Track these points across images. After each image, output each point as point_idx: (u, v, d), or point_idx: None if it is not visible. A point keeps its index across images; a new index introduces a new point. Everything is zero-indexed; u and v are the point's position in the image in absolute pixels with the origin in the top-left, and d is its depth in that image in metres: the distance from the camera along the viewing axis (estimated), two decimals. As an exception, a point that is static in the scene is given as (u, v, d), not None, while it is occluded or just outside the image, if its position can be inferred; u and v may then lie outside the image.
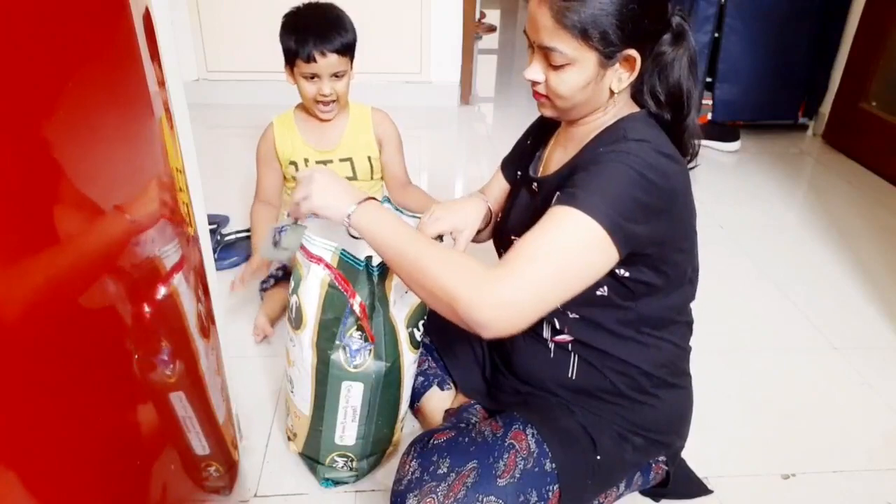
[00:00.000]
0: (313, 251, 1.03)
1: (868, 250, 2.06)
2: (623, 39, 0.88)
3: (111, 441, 0.61)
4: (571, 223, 0.85)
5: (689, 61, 0.96)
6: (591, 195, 0.85)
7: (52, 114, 0.50)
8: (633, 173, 0.86)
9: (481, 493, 0.90)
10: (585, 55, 0.88)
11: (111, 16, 0.61)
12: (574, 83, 0.91)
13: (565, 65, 0.89)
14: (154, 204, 0.70)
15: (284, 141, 1.63)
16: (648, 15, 0.88)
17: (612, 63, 0.90)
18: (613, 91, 0.93)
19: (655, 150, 0.90)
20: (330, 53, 1.48)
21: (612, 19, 0.86)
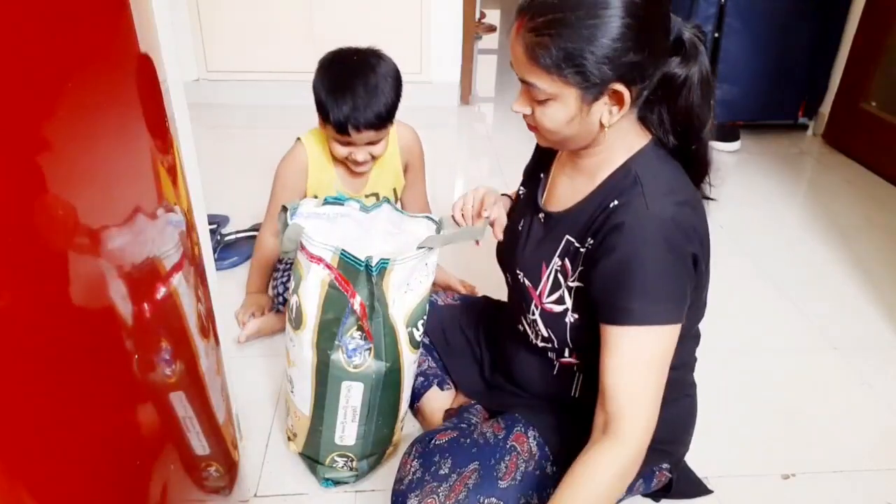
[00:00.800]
0: (313, 251, 1.03)
1: (868, 250, 2.06)
2: (605, 75, 0.81)
3: (111, 441, 0.61)
4: (651, 340, 0.85)
5: (702, 82, 0.88)
6: (651, 304, 0.84)
7: (51, 114, 0.50)
8: (670, 256, 0.84)
9: (482, 495, 0.90)
10: (564, 90, 0.83)
11: (111, 17, 0.61)
12: (558, 118, 0.86)
13: (547, 100, 0.85)
14: (154, 204, 0.70)
15: (318, 178, 1.51)
16: (638, 48, 0.80)
17: (596, 98, 0.84)
18: (604, 125, 0.87)
19: (675, 204, 0.85)
20: (366, 130, 1.32)
21: (589, 55, 0.79)
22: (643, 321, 0.84)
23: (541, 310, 0.99)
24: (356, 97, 1.30)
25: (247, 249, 1.86)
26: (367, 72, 1.33)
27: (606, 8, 0.78)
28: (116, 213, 0.60)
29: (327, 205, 1.15)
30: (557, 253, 0.96)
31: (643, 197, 0.85)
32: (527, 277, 1.02)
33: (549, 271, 0.98)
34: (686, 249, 0.85)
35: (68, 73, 0.52)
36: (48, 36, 0.49)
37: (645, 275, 0.83)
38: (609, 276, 0.86)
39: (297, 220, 1.09)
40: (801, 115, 2.98)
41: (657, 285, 0.84)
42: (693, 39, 0.87)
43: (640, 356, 0.85)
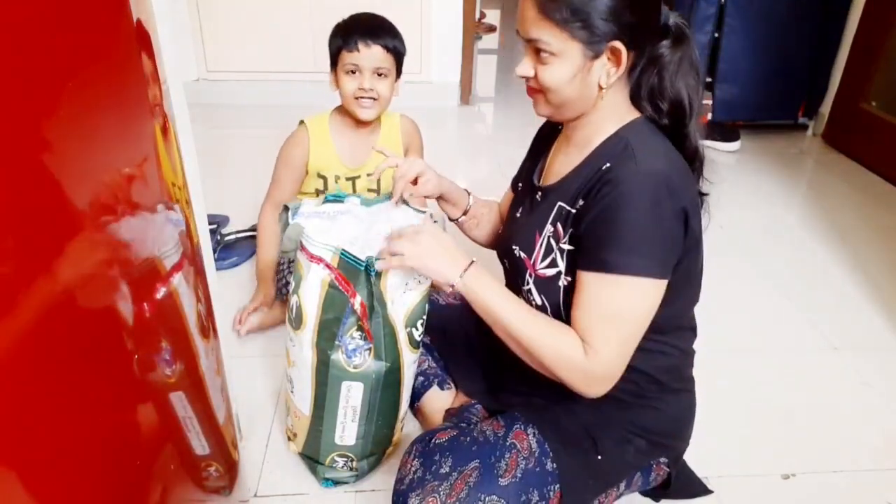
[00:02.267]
0: (313, 251, 1.03)
1: (868, 250, 2.06)
2: (607, 31, 0.87)
3: (111, 441, 0.61)
4: (633, 292, 0.89)
5: (691, 65, 0.95)
6: (634, 256, 0.88)
7: (51, 114, 0.50)
8: (656, 209, 0.87)
9: (483, 493, 0.90)
10: (570, 46, 0.89)
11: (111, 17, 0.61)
12: (561, 75, 0.91)
13: (551, 57, 0.90)
14: (154, 204, 0.70)
15: (319, 153, 1.57)
16: (636, 9, 0.88)
17: (597, 55, 0.89)
18: (602, 86, 0.92)
19: (665, 164, 0.91)
20: (374, 45, 1.44)
21: (594, 10, 0.86)
22: (621, 270, 0.88)
23: (534, 277, 1.01)
24: (369, 24, 1.47)
25: (247, 249, 1.86)
26: (377, 15, 1.52)
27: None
28: (117, 212, 0.60)
29: (328, 203, 1.15)
30: (550, 220, 1.00)
31: (633, 158, 0.90)
32: (522, 250, 1.05)
33: (541, 238, 1.01)
34: (674, 205, 0.88)
35: (68, 73, 0.52)
36: (48, 36, 0.49)
37: (627, 226, 0.87)
38: (593, 228, 0.91)
39: (298, 220, 1.09)
40: (801, 115, 2.99)
41: (639, 237, 0.87)
42: (680, 25, 0.94)
43: (620, 306, 0.90)
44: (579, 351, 0.91)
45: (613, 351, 0.91)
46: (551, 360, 0.93)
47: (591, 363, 0.90)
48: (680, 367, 1.07)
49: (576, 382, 0.92)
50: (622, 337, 0.91)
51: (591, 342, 0.90)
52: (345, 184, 1.60)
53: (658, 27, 0.93)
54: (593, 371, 0.91)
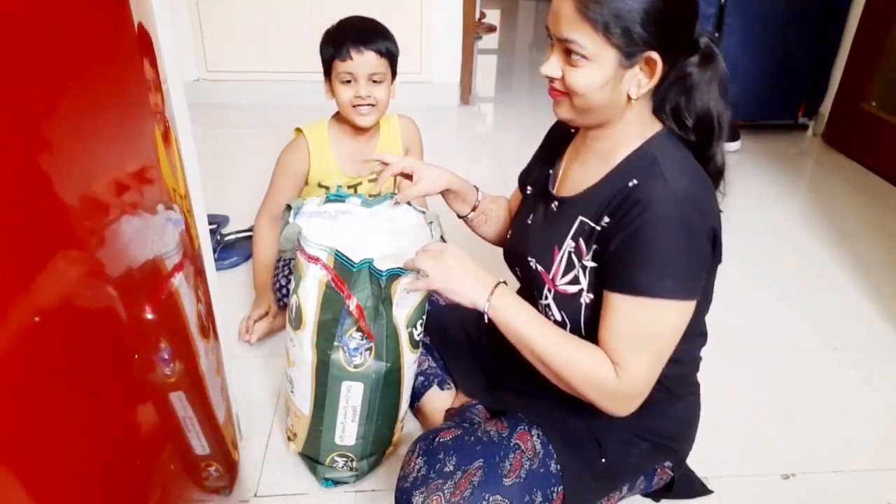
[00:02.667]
0: (311, 252, 1.03)
1: (868, 250, 2.06)
2: (646, 40, 0.84)
3: (111, 441, 0.61)
4: (663, 314, 0.88)
5: (720, 85, 0.92)
6: (667, 278, 0.86)
7: (52, 114, 0.50)
8: (686, 233, 0.86)
9: (488, 493, 0.90)
10: (605, 52, 0.85)
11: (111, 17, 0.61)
12: (592, 81, 0.87)
13: (583, 60, 0.86)
14: (155, 204, 0.70)
15: (320, 163, 1.55)
16: (676, 20, 0.86)
17: (632, 64, 0.86)
18: (631, 97, 0.89)
19: (692, 182, 0.89)
20: (367, 51, 1.41)
21: (636, 16, 0.82)
22: (654, 293, 0.86)
23: (554, 293, 0.99)
24: (359, 29, 1.45)
25: (247, 249, 1.86)
26: (367, 18, 1.50)
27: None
28: (117, 213, 0.60)
29: (329, 203, 1.15)
30: (570, 235, 0.97)
31: (662, 176, 0.87)
32: (539, 263, 1.03)
33: (561, 253, 0.99)
34: (703, 227, 0.88)
35: (69, 73, 0.52)
36: (49, 36, 0.49)
37: (658, 249, 0.86)
38: (623, 249, 0.88)
39: (300, 220, 1.09)
40: (801, 115, 2.99)
41: (671, 259, 0.86)
42: (709, 43, 0.91)
43: (651, 328, 0.89)
44: (611, 374, 0.89)
45: (644, 371, 0.90)
46: (581, 383, 0.91)
47: (622, 385, 0.89)
48: (686, 374, 1.07)
49: (606, 404, 0.92)
50: (653, 357, 0.90)
51: (622, 363, 0.89)
52: (345, 191, 1.59)
53: (689, 42, 0.90)
54: (624, 392, 0.90)
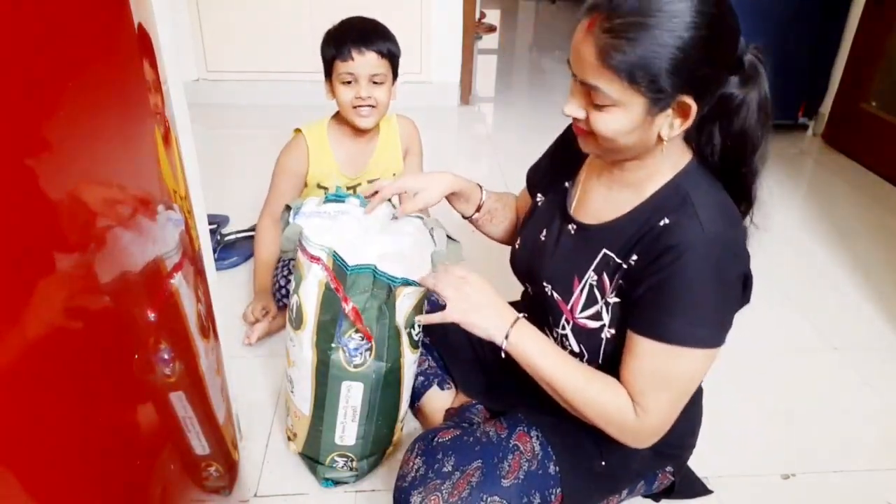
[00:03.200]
0: (312, 252, 1.03)
1: (868, 250, 2.06)
2: (677, 86, 0.77)
3: (111, 441, 0.61)
4: (691, 362, 0.86)
5: (760, 107, 0.85)
6: (698, 327, 0.84)
7: (52, 114, 0.50)
8: (719, 281, 0.84)
9: (486, 493, 0.90)
10: (632, 98, 0.79)
11: (111, 17, 0.61)
12: (618, 126, 0.81)
13: (610, 105, 0.80)
14: (154, 204, 0.70)
15: (319, 163, 1.55)
16: (711, 61, 0.78)
17: (662, 109, 0.80)
18: (663, 138, 0.83)
19: (726, 226, 0.85)
20: (368, 52, 1.41)
21: (664, 63, 0.75)
22: (680, 342, 0.84)
23: (573, 325, 0.97)
24: (360, 30, 1.44)
25: (247, 249, 1.86)
26: (368, 19, 1.49)
27: (685, 18, 0.75)
28: (118, 213, 0.60)
29: (328, 203, 1.15)
30: (593, 267, 0.94)
31: (697, 218, 0.83)
32: (556, 291, 0.99)
33: (582, 285, 0.95)
34: (737, 273, 0.85)
35: (69, 73, 0.52)
36: (49, 36, 0.49)
37: (690, 297, 0.83)
38: (653, 293, 0.85)
39: (300, 220, 1.09)
40: (801, 115, 2.99)
41: (703, 308, 0.84)
42: (754, 61, 0.84)
43: (677, 374, 0.87)
44: (630, 413, 0.89)
45: (665, 411, 0.89)
46: (599, 418, 0.91)
47: (642, 423, 0.89)
48: None
49: (624, 439, 0.91)
50: (674, 398, 0.89)
51: (643, 403, 0.88)
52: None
53: (732, 65, 0.83)
54: (643, 430, 0.90)
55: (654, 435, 0.91)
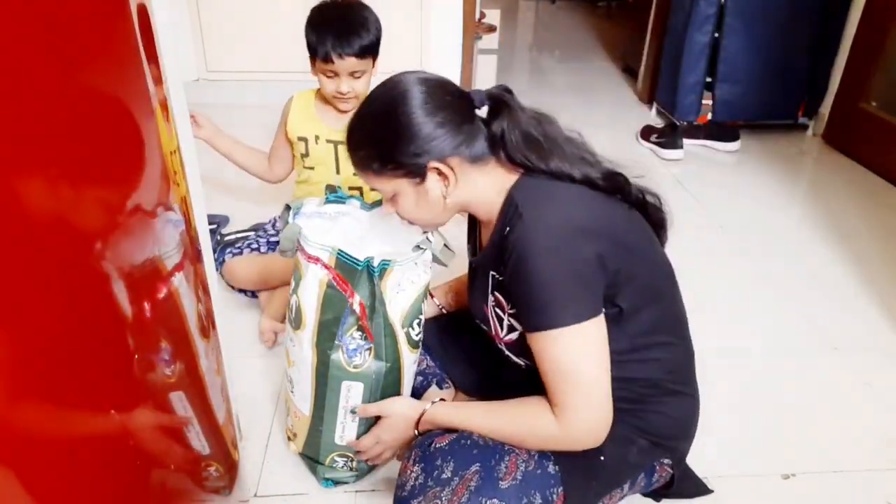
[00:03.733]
0: (311, 252, 1.03)
1: (868, 250, 2.06)
2: (420, 162, 0.94)
3: (111, 441, 0.61)
4: (565, 343, 0.91)
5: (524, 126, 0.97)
6: (554, 308, 0.90)
7: (52, 114, 0.50)
8: (559, 259, 0.90)
9: (484, 497, 0.90)
10: (398, 184, 0.97)
11: (111, 16, 0.61)
12: (407, 207, 1.00)
13: (394, 196, 0.99)
14: (156, 204, 0.70)
15: (298, 117, 1.63)
16: (438, 132, 0.93)
17: (423, 180, 0.96)
18: (446, 197, 0.98)
19: (556, 211, 0.93)
20: (348, 57, 1.46)
21: (399, 153, 0.93)
22: (549, 325, 0.90)
23: (504, 344, 1.05)
24: (340, 27, 1.46)
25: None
26: (349, 8, 1.51)
27: (399, 110, 0.93)
28: (118, 212, 0.60)
29: (329, 203, 1.15)
30: (489, 290, 1.04)
31: (522, 218, 0.92)
32: (483, 323, 1.10)
33: (489, 309, 1.05)
34: (579, 250, 0.90)
35: (69, 73, 0.52)
36: (49, 36, 0.49)
37: (538, 281, 0.90)
38: (511, 293, 0.95)
39: (299, 220, 1.09)
40: (801, 115, 2.99)
41: (548, 290, 0.90)
42: (496, 95, 0.98)
43: (560, 359, 0.91)
44: (548, 419, 0.93)
45: (583, 406, 0.92)
46: (534, 443, 0.96)
47: (566, 425, 0.92)
48: (679, 370, 1.07)
49: (564, 447, 0.95)
50: (582, 388, 0.91)
51: (559, 402, 0.92)
52: (325, 146, 1.61)
53: (467, 119, 0.96)
54: (571, 431, 0.92)
55: (589, 431, 0.93)
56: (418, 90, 0.94)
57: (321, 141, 1.62)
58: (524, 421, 0.96)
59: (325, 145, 1.62)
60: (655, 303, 1.01)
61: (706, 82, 2.80)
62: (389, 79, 0.97)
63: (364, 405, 1.09)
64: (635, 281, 0.96)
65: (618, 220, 0.99)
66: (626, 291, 0.95)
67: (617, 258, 0.93)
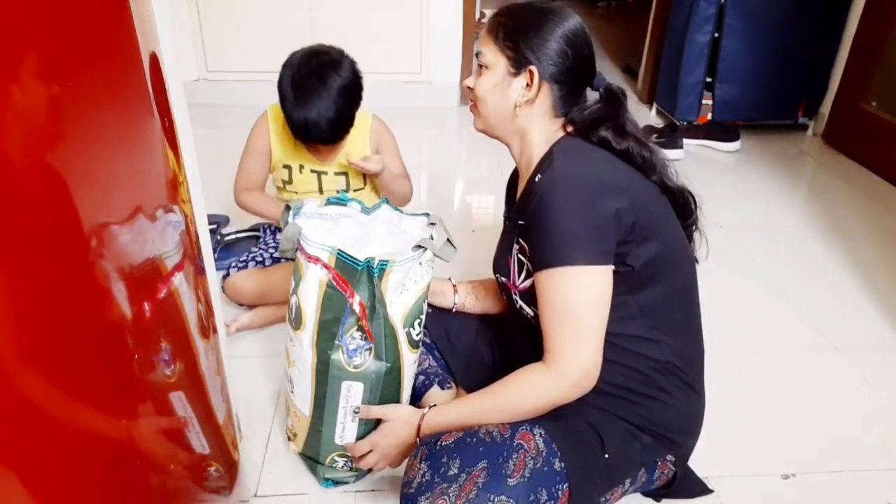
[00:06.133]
0: (311, 252, 1.03)
1: (868, 250, 2.06)
2: (528, 57, 1.03)
3: (111, 441, 0.61)
4: (570, 282, 0.96)
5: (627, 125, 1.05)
6: (564, 247, 0.95)
7: (52, 114, 0.50)
8: (578, 203, 0.95)
9: (493, 493, 0.90)
10: (498, 60, 1.05)
11: (111, 17, 0.61)
12: (487, 84, 1.07)
13: (485, 69, 1.07)
14: (154, 204, 0.70)
15: (281, 142, 1.58)
16: (560, 50, 1.03)
17: (517, 73, 1.04)
18: (517, 104, 1.05)
19: (585, 163, 1.00)
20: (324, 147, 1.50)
21: (524, 38, 1.03)
22: (555, 262, 0.95)
23: (519, 293, 1.09)
24: (315, 119, 1.41)
25: (246, 249, 1.86)
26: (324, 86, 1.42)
27: (553, 20, 1.04)
28: (119, 212, 0.60)
29: (330, 205, 1.15)
30: (515, 239, 1.09)
31: (553, 166, 0.99)
32: (502, 275, 1.15)
33: (512, 258, 1.10)
34: (599, 200, 0.95)
35: (69, 73, 0.52)
36: (49, 36, 0.49)
37: (550, 222, 0.96)
38: (528, 233, 1.01)
39: (299, 220, 1.09)
40: (801, 115, 2.99)
41: (562, 229, 0.95)
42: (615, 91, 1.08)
43: (564, 298, 0.96)
44: (541, 375, 0.97)
45: (574, 348, 0.96)
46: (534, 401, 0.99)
47: (559, 373, 0.96)
48: (687, 362, 1.08)
49: (560, 396, 0.98)
50: (577, 330, 0.96)
51: (553, 349, 0.96)
52: (310, 175, 1.58)
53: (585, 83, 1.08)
54: (564, 377, 0.96)
55: (580, 375, 0.97)
56: (575, 26, 1.04)
57: (305, 171, 1.58)
58: (519, 386, 1.00)
59: (309, 175, 1.59)
60: (668, 280, 1.05)
61: (706, 82, 2.80)
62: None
63: (367, 406, 1.09)
64: (649, 247, 0.99)
65: (643, 188, 1.04)
66: (639, 252, 0.98)
67: (633, 214, 0.97)
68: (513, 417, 1.00)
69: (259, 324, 1.59)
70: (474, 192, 2.47)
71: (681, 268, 1.08)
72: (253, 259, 1.64)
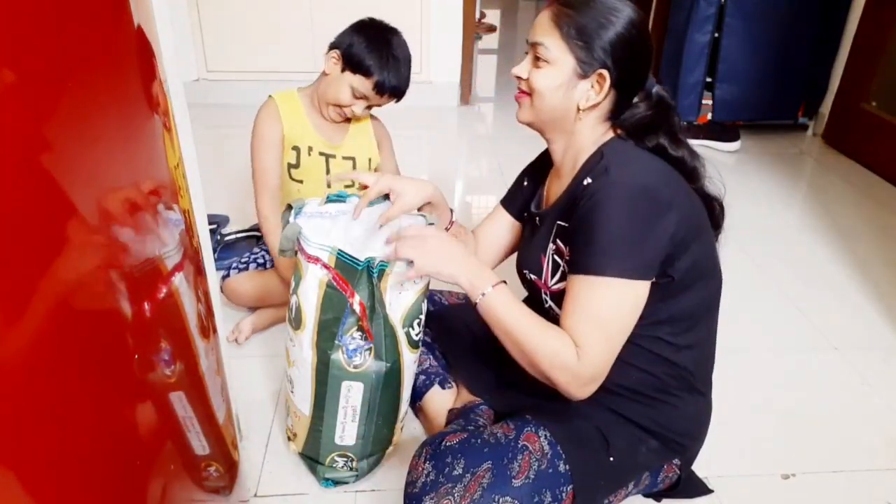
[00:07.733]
0: (310, 252, 1.03)
1: (868, 250, 2.06)
2: (601, 58, 0.96)
3: (111, 441, 0.61)
4: (609, 292, 0.93)
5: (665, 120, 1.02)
6: (610, 257, 0.92)
7: (52, 115, 0.50)
8: (631, 216, 0.92)
9: (497, 494, 0.90)
10: (566, 58, 0.98)
11: (111, 17, 0.61)
12: (549, 81, 0.99)
13: (546, 63, 0.99)
14: (154, 204, 0.70)
15: (292, 123, 1.54)
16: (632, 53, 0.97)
17: (585, 75, 0.98)
18: (580, 108, 1.00)
19: (641, 173, 0.96)
20: (389, 98, 1.50)
21: (597, 37, 0.96)
22: (598, 271, 0.92)
23: (550, 294, 1.06)
24: (397, 70, 1.45)
25: (246, 249, 1.86)
26: (406, 54, 1.49)
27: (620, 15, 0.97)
28: (118, 212, 0.60)
29: (330, 203, 1.15)
30: (551, 239, 1.06)
31: (607, 171, 0.96)
32: (532, 273, 1.10)
33: (546, 258, 1.07)
34: (653, 215, 0.93)
35: (69, 72, 0.52)
36: (49, 35, 0.49)
37: (601, 230, 0.92)
38: (575, 235, 0.97)
39: (300, 220, 1.09)
40: (801, 115, 2.99)
41: (612, 240, 0.92)
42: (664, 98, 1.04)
43: (599, 307, 0.93)
44: (573, 355, 0.92)
45: (598, 351, 0.93)
46: (548, 362, 0.94)
47: (582, 365, 0.92)
48: (701, 367, 1.08)
49: (565, 384, 0.94)
50: (606, 337, 0.93)
51: (580, 343, 0.92)
52: (318, 158, 1.56)
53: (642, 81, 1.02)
54: (584, 372, 0.93)
55: (592, 380, 0.94)
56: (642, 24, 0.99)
57: (314, 153, 1.56)
58: (554, 340, 0.94)
59: (318, 158, 1.56)
60: (701, 288, 1.03)
61: (706, 82, 2.80)
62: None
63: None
64: (690, 255, 0.98)
65: (690, 199, 1.01)
66: (680, 264, 0.96)
67: (683, 230, 0.95)
68: (526, 354, 0.95)
69: (262, 326, 1.59)
70: (474, 193, 2.47)
71: (713, 277, 1.06)
72: (254, 261, 1.63)
